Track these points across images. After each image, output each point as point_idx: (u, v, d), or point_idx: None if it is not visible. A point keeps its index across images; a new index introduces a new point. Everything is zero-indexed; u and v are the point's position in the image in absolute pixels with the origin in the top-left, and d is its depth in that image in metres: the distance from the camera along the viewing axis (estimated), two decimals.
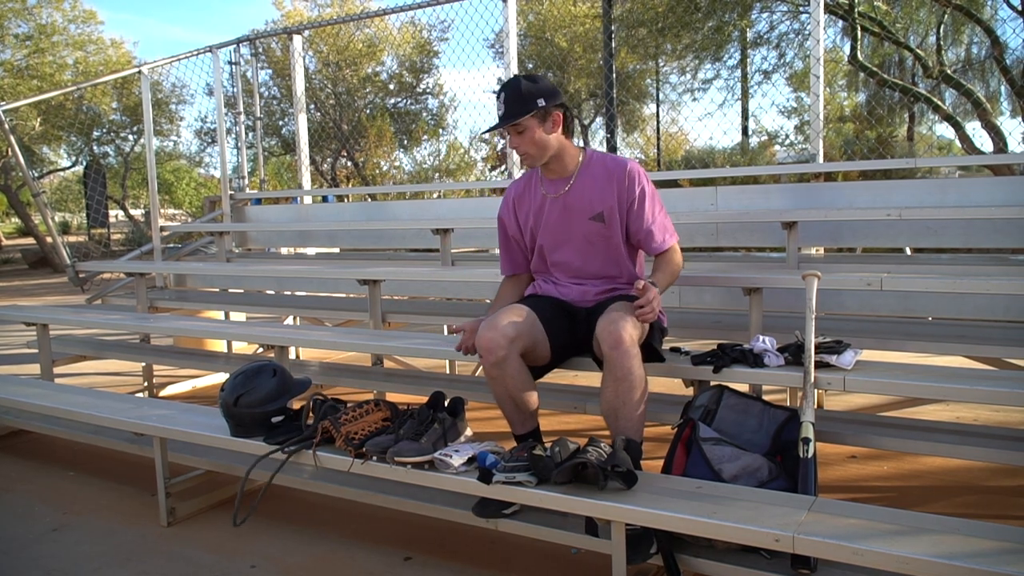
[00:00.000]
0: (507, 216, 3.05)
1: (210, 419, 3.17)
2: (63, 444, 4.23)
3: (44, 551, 3.06)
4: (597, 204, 2.82)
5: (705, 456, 2.45)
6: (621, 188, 2.81)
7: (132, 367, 6.03)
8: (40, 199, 6.73)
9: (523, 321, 2.68)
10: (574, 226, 2.85)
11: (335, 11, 18.37)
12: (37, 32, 18.32)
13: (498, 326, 2.61)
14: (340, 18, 13.59)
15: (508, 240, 3.07)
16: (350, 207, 6.76)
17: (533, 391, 2.73)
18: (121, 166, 22.11)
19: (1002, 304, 3.48)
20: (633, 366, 2.50)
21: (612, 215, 2.82)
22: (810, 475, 2.36)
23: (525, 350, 2.67)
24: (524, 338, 2.65)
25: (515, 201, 3.01)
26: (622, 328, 2.50)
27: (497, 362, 2.61)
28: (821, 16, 4.58)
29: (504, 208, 3.05)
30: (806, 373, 2.53)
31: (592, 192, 2.82)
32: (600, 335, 2.54)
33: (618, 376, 2.50)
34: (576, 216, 2.84)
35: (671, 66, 14.57)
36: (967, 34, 11.97)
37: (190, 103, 20.28)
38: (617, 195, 2.81)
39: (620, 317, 2.55)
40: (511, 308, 2.75)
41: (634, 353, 2.51)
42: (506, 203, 3.05)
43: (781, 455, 2.55)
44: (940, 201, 4.05)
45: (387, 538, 3.00)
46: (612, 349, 2.50)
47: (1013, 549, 1.86)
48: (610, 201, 2.81)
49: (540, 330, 2.73)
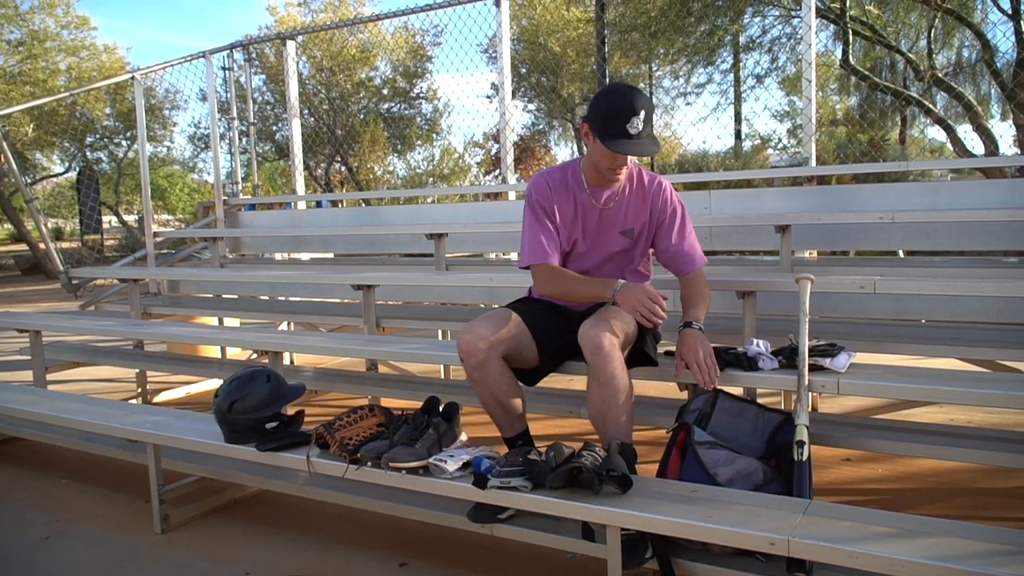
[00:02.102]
0: (545, 201, 2.82)
1: (204, 425, 3.16)
2: (56, 451, 4.21)
3: (37, 559, 3.04)
4: (631, 220, 2.83)
5: (700, 460, 2.45)
6: (655, 206, 2.83)
7: (126, 373, 6.01)
8: (33, 205, 6.71)
9: (505, 324, 2.68)
10: (605, 237, 2.85)
11: (329, 16, 18.38)
12: (30, 38, 18.29)
13: (476, 329, 2.62)
14: (334, 23, 13.62)
15: (546, 226, 2.81)
16: (344, 212, 6.76)
17: (519, 393, 2.73)
18: (114, 172, 22.03)
19: (995, 306, 3.49)
20: (615, 370, 2.50)
21: (641, 232, 2.85)
22: (804, 478, 2.36)
23: (508, 353, 2.67)
24: (505, 341, 2.65)
25: (552, 189, 2.83)
26: (602, 333, 2.50)
27: (477, 365, 2.61)
28: (813, 20, 4.59)
29: (542, 192, 2.82)
30: (800, 376, 2.54)
31: (629, 207, 2.83)
32: (581, 340, 2.54)
33: (602, 381, 2.51)
34: (609, 228, 2.84)
35: (664, 70, 14.61)
36: (958, 38, 12.02)
37: (184, 108, 20.26)
38: (650, 212, 2.84)
39: (601, 322, 2.56)
40: (495, 312, 2.78)
41: (615, 357, 2.50)
42: (543, 189, 2.82)
43: (776, 459, 2.55)
44: (932, 204, 4.07)
45: (382, 544, 2.99)
46: (593, 354, 2.50)
47: (1007, 551, 1.87)
48: (643, 217, 2.84)
49: (525, 333, 2.73)
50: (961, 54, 12.40)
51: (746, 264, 4.85)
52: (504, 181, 5.75)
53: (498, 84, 5.72)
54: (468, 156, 19.32)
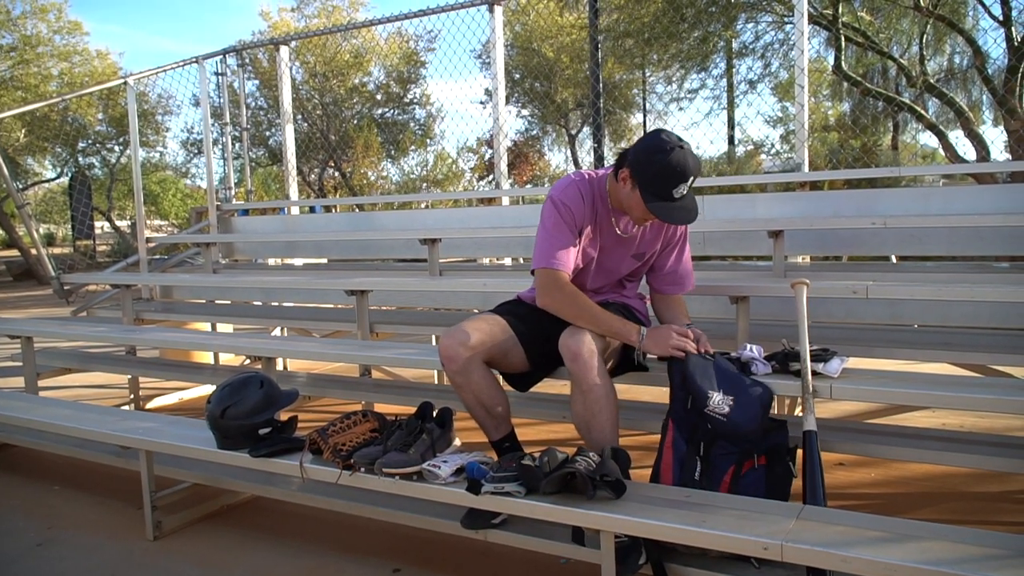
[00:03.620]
0: (576, 209, 2.67)
1: (197, 431, 3.15)
2: (48, 458, 4.19)
3: (28, 567, 3.02)
4: (644, 247, 2.86)
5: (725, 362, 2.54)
6: (667, 236, 2.87)
7: (118, 379, 5.99)
8: (25, 211, 6.69)
9: (489, 329, 2.68)
10: (618, 260, 2.86)
11: (322, 22, 18.39)
12: (22, 43, 18.23)
13: (456, 335, 2.62)
14: (327, 29, 13.60)
15: (571, 234, 2.68)
16: (337, 217, 6.74)
17: (502, 397, 2.72)
18: (107, 177, 21.98)
19: (987, 311, 3.51)
20: (595, 378, 2.49)
21: (651, 256, 2.89)
22: (818, 484, 2.35)
23: (491, 357, 2.67)
24: (488, 345, 2.65)
25: (584, 200, 2.69)
26: (580, 341, 2.51)
27: (459, 370, 2.61)
28: (805, 27, 4.62)
29: (571, 197, 2.67)
30: (804, 381, 2.50)
31: (646, 234, 2.84)
32: (560, 348, 2.55)
33: (583, 389, 2.51)
34: (624, 253, 2.85)
35: (657, 76, 14.66)
36: (949, 44, 12.10)
37: (176, 114, 20.24)
38: (662, 241, 2.87)
39: (579, 330, 2.56)
40: (479, 316, 2.78)
41: (593, 364, 2.50)
42: (576, 197, 2.67)
43: (766, 456, 2.53)
44: (924, 209, 4.09)
45: (375, 550, 2.99)
46: (571, 362, 2.51)
47: (1000, 555, 1.87)
48: (655, 246, 2.87)
49: (512, 339, 2.73)
50: (953, 60, 12.49)
51: (739, 269, 4.86)
52: (498, 186, 5.76)
53: (492, 90, 5.73)
54: (462, 161, 19.36)
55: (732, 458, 2.45)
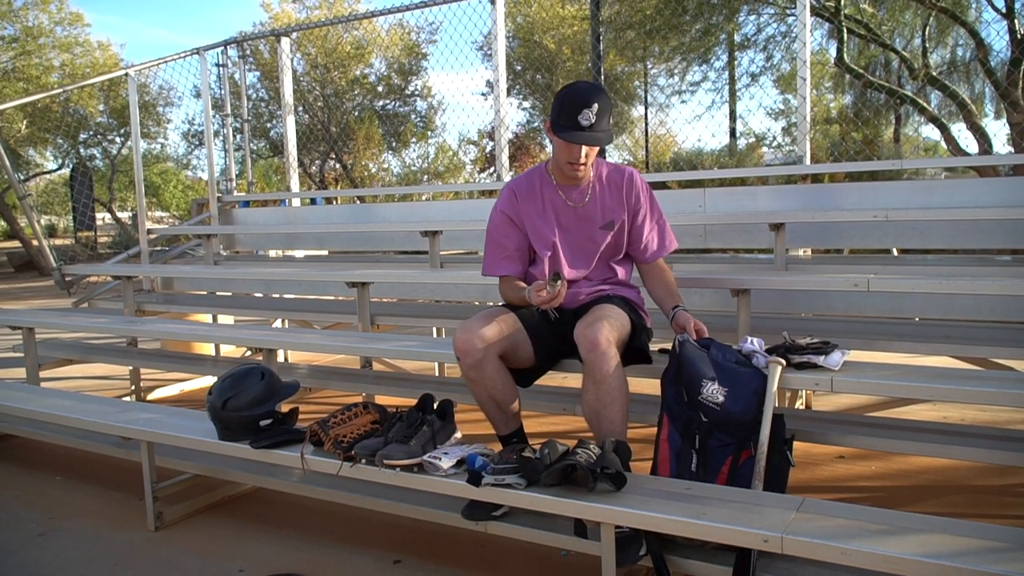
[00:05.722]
0: (512, 213, 2.88)
1: (198, 423, 3.15)
2: (49, 449, 4.20)
3: (30, 557, 3.03)
4: (609, 213, 2.86)
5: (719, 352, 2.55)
6: (628, 199, 2.87)
7: (119, 371, 5.99)
8: (26, 202, 6.69)
9: (502, 324, 2.69)
10: (587, 235, 2.87)
11: (323, 13, 18.34)
12: (23, 34, 18.19)
13: (473, 329, 2.63)
14: (328, 20, 13.57)
15: (508, 238, 2.89)
16: (338, 209, 6.75)
17: (514, 391, 2.74)
18: (108, 169, 21.94)
19: (988, 304, 3.51)
20: (611, 368, 2.50)
21: (621, 224, 2.88)
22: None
23: (504, 352, 2.68)
24: (502, 340, 2.67)
25: (519, 199, 2.88)
26: (598, 331, 2.51)
27: (474, 364, 2.62)
28: (807, 19, 4.60)
29: (507, 204, 2.89)
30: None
31: (605, 202, 2.86)
32: (577, 339, 2.55)
33: (597, 379, 2.51)
34: (589, 226, 2.86)
35: (659, 68, 14.60)
36: (952, 36, 12.04)
37: (177, 105, 20.16)
38: (625, 204, 2.87)
39: (597, 320, 2.57)
40: (491, 311, 2.78)
41: (611, 355, 2.51)
42: (509, 200, 2.89)
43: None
44: (926, 202, 4.08)
45: (376, 541, 2.99)
46: (589, 352, 2.51)
47: (1000, 548, 1.87)
48: (620, 211, 2.87)
49: (521, 332, 2.74)
50: (955, 53, 12.43)
51: (740, 262, 4.86)
52: (499, 178, 5.75)
53: (493, 81, 5.71)
54: (463, 153, 19.32)
55: (729, 449, 2.46)
